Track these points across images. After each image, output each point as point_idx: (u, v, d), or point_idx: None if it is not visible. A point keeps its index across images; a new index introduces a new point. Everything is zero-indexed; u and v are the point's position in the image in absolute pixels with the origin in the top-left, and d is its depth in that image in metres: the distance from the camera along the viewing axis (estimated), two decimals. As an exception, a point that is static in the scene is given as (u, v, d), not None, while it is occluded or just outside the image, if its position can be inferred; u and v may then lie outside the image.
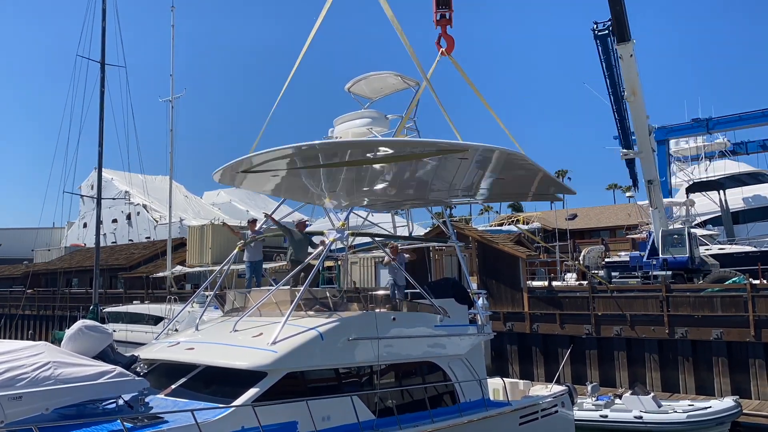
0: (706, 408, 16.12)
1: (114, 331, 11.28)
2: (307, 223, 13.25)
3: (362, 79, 13.56)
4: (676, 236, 25.43)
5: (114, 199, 42.63)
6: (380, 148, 8.40)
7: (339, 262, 15.94)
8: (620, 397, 17.33)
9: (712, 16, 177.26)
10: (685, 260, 24.42)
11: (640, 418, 15.96)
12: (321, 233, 11.23)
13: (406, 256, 13.03)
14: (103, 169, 26.49)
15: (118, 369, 7.68)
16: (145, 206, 55.82)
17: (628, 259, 26.21)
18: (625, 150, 29.53)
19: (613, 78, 27.94)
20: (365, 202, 11.94)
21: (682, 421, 15.71)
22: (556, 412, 12.93)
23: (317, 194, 10.80)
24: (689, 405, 16.67)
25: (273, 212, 13.77)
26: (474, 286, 13.55)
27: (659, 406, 16.46)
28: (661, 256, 25.04)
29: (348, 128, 13.34)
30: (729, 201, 34.95)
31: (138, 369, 8.91)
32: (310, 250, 12.21)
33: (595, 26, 27.18)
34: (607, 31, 26.96)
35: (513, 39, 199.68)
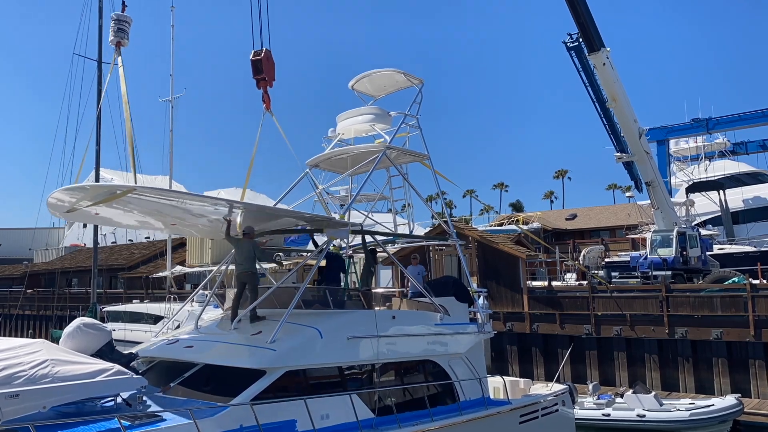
0: (709, 406, 16.10)
1: (113, 330, 11.21)
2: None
3: (365, 76, 13.53)
4: (661, 237, 25.51)
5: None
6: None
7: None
8: (621, 395, 17.31)
9: (712, 17, 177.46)
10: (671, 260, 24.39)
11: (643, 416, 15.94)
12: (321, 231, 11.16)
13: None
14: (102, 169, 26.40)
15: (117, 367, 7.62)
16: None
17: (628, 259, 26.19)
18: (619, 154, 29.72)
19: (594, 86, 28.22)
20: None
21: (686, 419, 15.69)
22: (557, 410, 12.89)
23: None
24: (691, 403, 16.65)
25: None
26: (474, 285, 13.52)
27: (660, 404, 16.44)
28: (649, 256, 25.06)
29: (350, 125, 13.32)
30: (729, 201, 34.95)
31: (136, 367, 8.88)
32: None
33: (568, 38, 27.44)
34: (578, 43, 27.24)
35: (513, 38, 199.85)
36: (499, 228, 38.72)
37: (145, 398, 7.80)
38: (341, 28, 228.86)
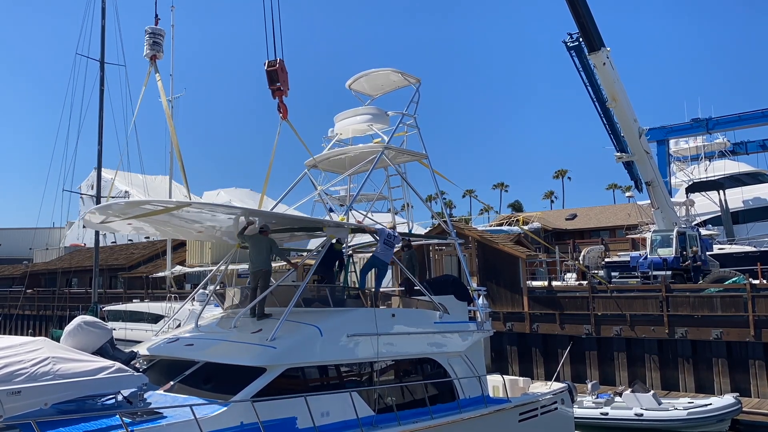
0: (707, 405, 16.13)
1: (114, 329, 11.26)
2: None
3: (363, 76, 13.58)
4: (661, 237, 25.53)
5: (114, 197, 42.61)
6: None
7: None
8: (620, 394, 17.33)
9: (712, 16, 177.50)
10: (671, 260, 24.41)
11: (641, 415, 15.97)
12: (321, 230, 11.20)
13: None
14: (103, 169, 26.52)
15: (117, 365, 7.66)
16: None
17: (628, 259, 26.20)
18: (619, 153, 29.78)
19: (594, 85, 28.29)
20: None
21: (683, 419, 15.72)
22: (556, 409, 12.93)
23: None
24: (689, 402, 16.68)
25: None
26: (474, 285, 13.56)
27: (659, 403, 16.47)
28: (649, 256, 25.08)
29: (348, 125, 13.38)
30: (729, 201, 34.96)
31: (137, 365, 8.92)
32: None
33: (569, 37, 27.53)
34: (578, 42, 27.32)
35: (513, 37, 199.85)
36: (498, 228, 38.72)
37: (145, 396, 7.84)
38: (339, 27, 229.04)
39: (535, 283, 24.52)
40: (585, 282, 23.57)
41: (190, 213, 9.68)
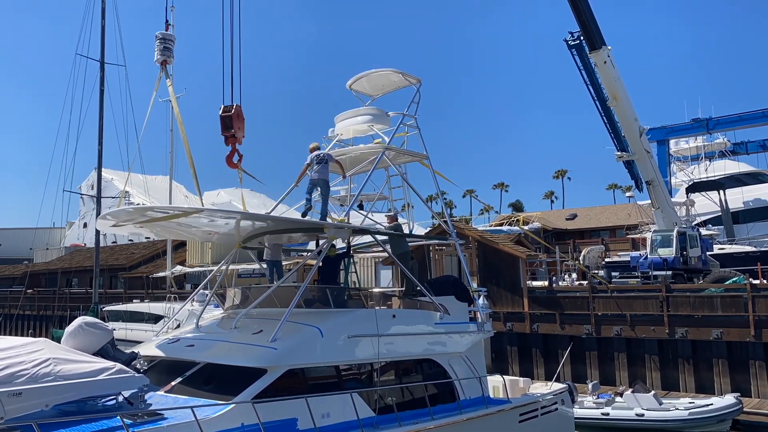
0: (708, 405, 16.12)
1: (114, 329, 11.27)
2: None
3: (363, 76, 13.56)
4: (662, 237, 25.54)
5: (114, 197, 42.63)
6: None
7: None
8: (621, 395, 17.33)
9: (712, 16, 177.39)
10: (671, 260, 24.40)
11: (642, 415, 15.97)
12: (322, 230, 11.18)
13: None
14: (103, 169, 26.56)
15: (118, 366, 7.64)
16: (144, 206, 55.74)
17: (628, 259, 26.22)
18: (619, 152, 29.82)
19: (595, 84, 28.36)
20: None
21: (684, 419, 15.72)
22: (556, 409, 12.92)
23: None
24: (690, 402, 16.68)
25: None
26: (474, 285, 13.54)
27: (660, 403, 16.47)
28: (649, 256, 25.08)
29: (349, 125, 13.36)
30: (729, 201, 34.99)
31: (138, 366, 8.92)
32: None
33: (570, 36, 27.61)
34: (579, 41, 27.39)
35: (513, 37, 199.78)
36: (499, 228, 38.73)
37: (146, 397, 7.82)
38: (342, 26, 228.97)
39: (536, 283, 24.52)
40: (585, 282, 23.56)
41: (199, 219, 9.71)
